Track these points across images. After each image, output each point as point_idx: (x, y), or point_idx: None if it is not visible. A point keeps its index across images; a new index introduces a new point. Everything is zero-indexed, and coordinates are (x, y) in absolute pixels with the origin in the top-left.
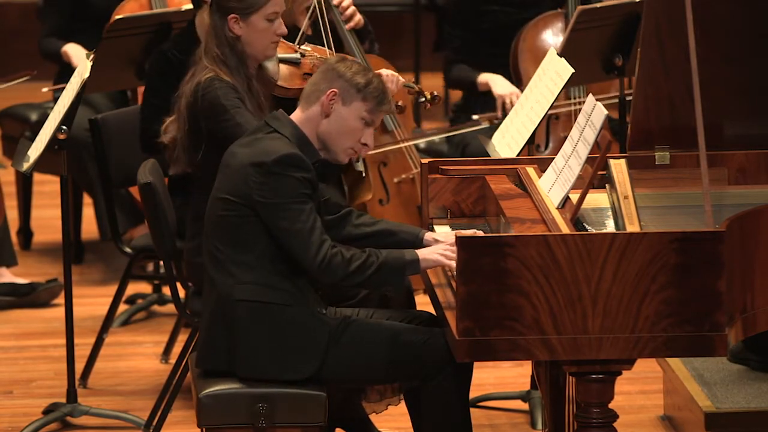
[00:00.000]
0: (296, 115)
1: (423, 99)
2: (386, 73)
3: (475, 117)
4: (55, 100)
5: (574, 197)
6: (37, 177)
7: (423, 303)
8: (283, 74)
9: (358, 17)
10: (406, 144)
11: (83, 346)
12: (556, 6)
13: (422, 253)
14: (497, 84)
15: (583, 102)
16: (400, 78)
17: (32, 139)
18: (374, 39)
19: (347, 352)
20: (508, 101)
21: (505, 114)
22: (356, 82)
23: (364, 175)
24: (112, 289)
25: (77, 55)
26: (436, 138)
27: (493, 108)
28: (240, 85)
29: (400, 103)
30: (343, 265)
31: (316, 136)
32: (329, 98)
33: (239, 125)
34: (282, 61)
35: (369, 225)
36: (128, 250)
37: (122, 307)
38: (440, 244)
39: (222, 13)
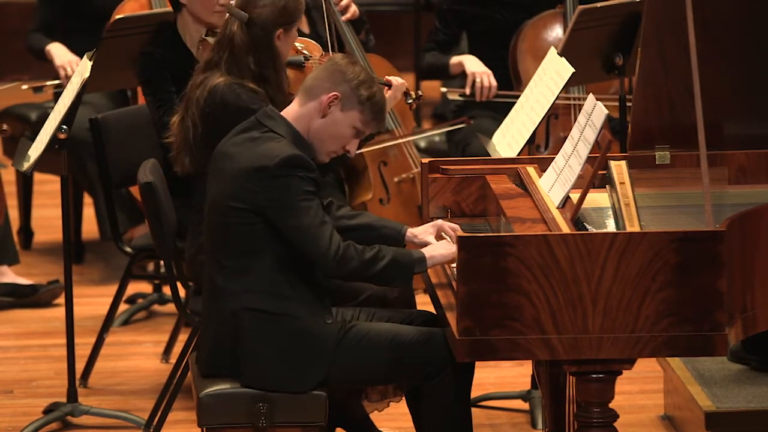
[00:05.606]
0: (292, 108)
1: (410, 100)
2: (397, 81)
3: (443, 89)
4: (56, 99)
5: (575, 197)
6: (38, 177)
7: (423, 303)
8: (290, 79)
9: (353, 8)
10: (405, 140)
11: (83, 345)
12: (553, 5)
13: (427, 251)
14: (470, 61)
15: (582, 99)
16: (405, 84)
17: (32, 139)
18: (370, 29)
19: (348, 356)
20: (478, 79)
21: (473, 91)
22: (360, 93)
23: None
24: (113, 289)
25: (60, 55)
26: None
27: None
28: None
29: (420, 93)
30: (356, 257)
31: (307, 133)
32: (329, 100)
33: None
34: (287, 64)
35: (349, 218)
36: (128, 249)
37: (122, 307)
38: (441, 242)
39: (269, 29)
